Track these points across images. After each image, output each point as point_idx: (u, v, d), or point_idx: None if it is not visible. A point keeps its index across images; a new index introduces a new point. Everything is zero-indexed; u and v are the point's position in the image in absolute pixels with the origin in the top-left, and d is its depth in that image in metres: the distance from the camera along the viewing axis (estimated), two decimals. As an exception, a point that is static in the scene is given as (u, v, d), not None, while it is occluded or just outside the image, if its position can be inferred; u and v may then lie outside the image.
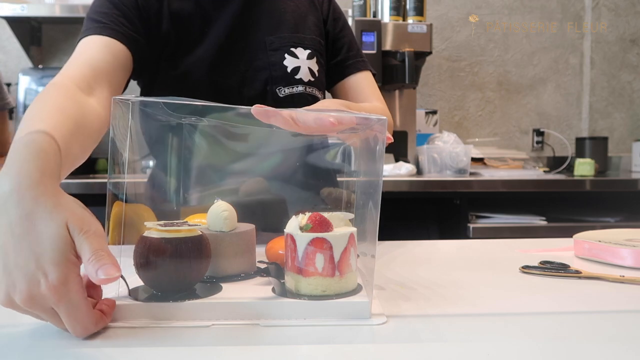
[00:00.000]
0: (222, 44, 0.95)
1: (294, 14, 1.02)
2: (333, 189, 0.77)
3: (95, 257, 0.44)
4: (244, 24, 0.98)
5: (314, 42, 1.02)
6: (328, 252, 0.53)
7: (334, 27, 1.07)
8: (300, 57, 0.98)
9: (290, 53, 0.98)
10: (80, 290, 0.45)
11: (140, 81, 0.99)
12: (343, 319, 0.51)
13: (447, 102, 2.71)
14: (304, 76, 0.98)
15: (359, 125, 0.60)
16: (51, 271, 0.43)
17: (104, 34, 0.86)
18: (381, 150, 0.53)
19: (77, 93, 0.74)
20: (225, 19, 0.96)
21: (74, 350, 0.45)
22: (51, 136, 0.54)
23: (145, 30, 0.91)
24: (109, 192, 0.54)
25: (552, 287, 0.65)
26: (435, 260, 0.83)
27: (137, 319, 0.51)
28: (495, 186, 1.92)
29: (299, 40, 1.00)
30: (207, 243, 0.56)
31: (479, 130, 2.73)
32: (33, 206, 0.45)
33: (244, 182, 0.77)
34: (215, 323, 0.51)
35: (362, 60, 1.07)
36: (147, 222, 0.55)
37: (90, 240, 0.45)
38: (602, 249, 0.79)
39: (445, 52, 2.70)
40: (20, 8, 2.17)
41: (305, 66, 0.98)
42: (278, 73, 0.97)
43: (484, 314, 0.55)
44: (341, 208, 0.73)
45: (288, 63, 0.97)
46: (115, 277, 0.44)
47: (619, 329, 0.50)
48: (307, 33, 1.02)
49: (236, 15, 0.97)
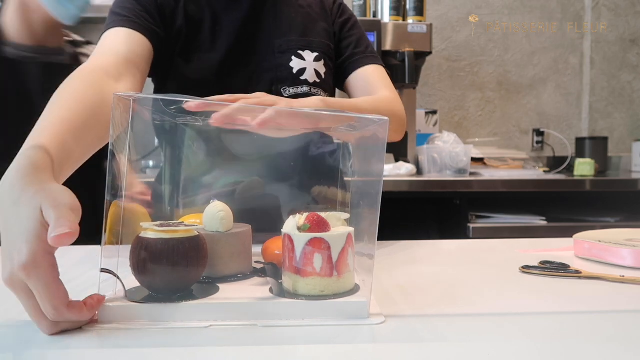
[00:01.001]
0: (231, 45, 0.97)
1: (304, 20, 1.04)
2: (324, 187, 0.77)
3: (55, 223, 0.45)
4: (253, 27, 0.99)
5: (322, 45, 1.03)
6: (326, 252, 0.53)
7: (341, 28, 1.08)
8: (307, 59, 1.00)
9: (298, 55, 0.99)
10: (49, 268, 0.46)
11: (154, 77, 1.01)
12: (341, 319, 0.51)
13: (447, 102, 2.71)
14: (309, 77, 0.99)
15: (356, 123, 0.60)
16: (21, 249, 0.45)
17: (128, 26, 0.89)
18: (382, 151, 0.53)
19: (104, 79, 0.76)
20: (234, 22, 0.98)
21: (71, 351, 0.45)
22: (47, 149, 0.57)
23: (164, 25, 0.95)
24: (108, 189, 0.53)
25: (552, 287, 0.65)
26: (435, 260, 0.83)
27: (134, 320, 0.51)
28: (495, 186, 1.92)
29: (307, 44, 1.01)
30: (204, 243, 0.56)
31: (479, 130, 2.73)
32: (20, 193, 0.49)
33: (241, 183, 0.77)
34: (213, 324, 0.50)
35: (370, 55, 1.07)
36: (143, 223, 0.54)
37: (57, 210, 0.46)
38: (602, 249, 0.78)
39: (445, 52, 2.70)
40: (19, 8, 2.17)
41: (312, 68, 1.00)
42: (284, 74, 0.98)
43: (484, 314, 0.54)
44: (336, 208, 0.73)
45: (294, 64, 0.99)
46: (66, 234, 0.45)
47: (619, 329, 0.50)
48: (316, 37, 1.03)
49: (246, 19, 0.99)
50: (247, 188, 0.77)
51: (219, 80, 0.96)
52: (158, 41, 0.92)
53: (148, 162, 1.80)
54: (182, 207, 0.74)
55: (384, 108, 0.92)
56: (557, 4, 2.74)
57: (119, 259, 0.53)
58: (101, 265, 0.51)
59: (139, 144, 0.59)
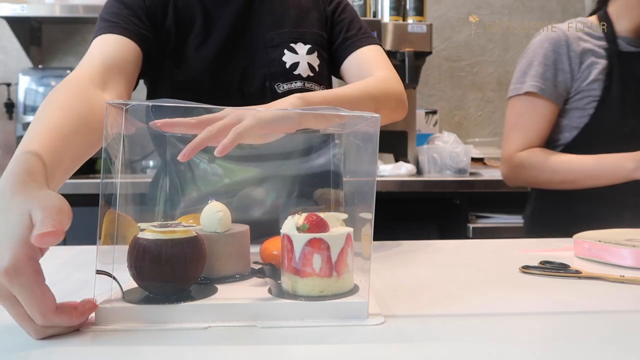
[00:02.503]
0: (224, 41, 0.96)
1: (295, 10, 1.02)
2: (325, 190, 0.77)
3: (40, 223, 0.45)
4: (245, 21, 0.98)
5: (315, 36, 1.01)
6: (325, 252, 0.52)
7: (332, 14, 1.05)
8: (299, 53, 0.98)
9: (290, 49, 0.98)
10: (32, 274, 0.45)
11: (146, 79, 1.01)
12: (340, 320, 0.51)
13: (447, 102, 2.71)
14: (302, 72, 0.97)
15: (348, 120, 0.60)
16: (4, 255, 0.44)
17: (115, 32, 0.89)
18: (374, 148, 0.53)
19: (90, 89, 0.76)
20: (227, 17, 0.97)
21: (68, 353, 0.45)
22: (39, 156, 0.57)
23: (153, 27, 0.94)
24: (101, 198, 0.53)
25: (552, 287, 0.65)
26: (434, 260, 0.82)
27: (132, 321, 0.50)
28: (495, 186, 1.92)
29: (299, 36, 0.99)
30: (202, 244, 0.55)
31: (479, 130, 2.73)
32: (10, 199, 0.48)
33: (240, 191, 0.78)
34: (211, 325, 0.50)
35: (363, 37, 1.03)
36: (141, 224, 0.54)
37: (44, 211, 0.46)
38: (602, 249, 0.78)
39: (445, 52, 2.70)
40: (20, 8, 2.17)
41: (305, 61, 0.98)
42: (277, 69, 0.97)
43: (484, 314, 0.54)
44: (331, 208, 0.73)
45: (287, 59, 0.97)
46: (49, 232, 0.44)
47: (619, 329, 0.50)
48: (309, 27, 1.01)
49: (238, 13, 0.98)
50: (245, 196, 0.78)
51: (212, 78, 0.95)
52: (147, 44, 0.91)
53: (148, 162, 1.80)
54: (177, 212, 0.73)
55: (375, 90, 0.89)
56: (557, 4, 2.74)
57: (113, 260, 0.53)
58: (97, 267, 0.51)
59: (131, 150, 0.59)
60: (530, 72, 1.27)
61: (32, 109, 2.22)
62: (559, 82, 1.25)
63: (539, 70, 1.26)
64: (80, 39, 2.50)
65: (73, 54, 2.49)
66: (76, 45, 2.50)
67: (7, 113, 2.37)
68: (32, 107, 2.22)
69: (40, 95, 2.22)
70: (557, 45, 1.25)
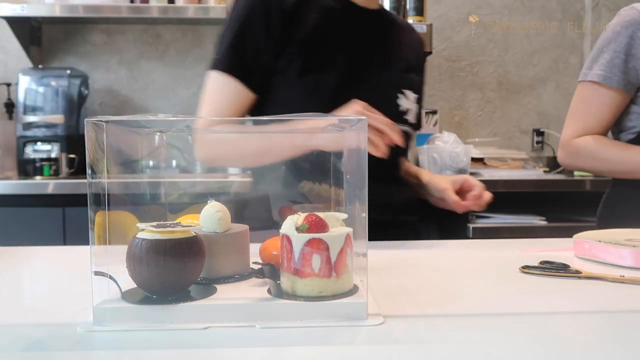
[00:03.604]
0: (343, 72, 1.01)
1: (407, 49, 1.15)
2: (313, 183, 0.77)
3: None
4: (363, 55, 1.05)
5: (419, 84, 1.15)
6: (324, 252, 0.52)
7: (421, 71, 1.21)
8: (409, 98, 1.10)
9: (403, 93, 1.08)
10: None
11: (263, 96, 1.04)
12: (340, 320, 0.51)
13: (447, 102, 2.71)
14: (411, 118, 1.10)
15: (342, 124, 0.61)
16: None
17: (236, 75, 0.96)
18: (364, 148, 0.53)
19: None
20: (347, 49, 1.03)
21: (67, 353, 0.45)
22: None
23: (279, 46, 0.98)
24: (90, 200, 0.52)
25: (552, 287, 0.65)
26: (434, 260, 0.82)
27: (130, 322, 0.50)
28: (495, 186, 1.92)
29: (409, 83, 1.11)
30: (201, 244, 0.55)
31: (479, 130, 2.73)
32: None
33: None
34: (210, 325, 0.50)
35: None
36: (139, 224, 0.54)
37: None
38: (602, 249, 0.78)
39: (445, 52, 2.69)
40: (20, 8, 2.17)
41: (414, 110, 1.11)
42: (392, 110, 1.03)
43: (484, 314, 0.54)
44: (325, 205, 0.73)
45: (401, 102, 1.09)
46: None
47: (619, 329, 0.50)
48: (417, 73, 1.16)
49: (358, 44, 1.04)
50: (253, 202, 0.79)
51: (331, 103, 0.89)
52: (263, 84, 0.97)
53: (148, 162, 1.80)
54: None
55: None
56: (557, 4, 2.74)
57: (110, 260, 0.52)
58: (93, 269, 0.51)
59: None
60: (600, 59, 1.23)
61: (32, 109, 2.20)
62: (629, 68, 1.18)
63: (607, 57, 1.21)
64: (80, 39, 2.49)
65: (73, 54, 2.49)
66: (76, 45, 2.50)
67: (7, 113, 2.37)
68: (32, 107, 2.20)
69: (40, 95, 2.21)
70: (632, 28, 1.18)
